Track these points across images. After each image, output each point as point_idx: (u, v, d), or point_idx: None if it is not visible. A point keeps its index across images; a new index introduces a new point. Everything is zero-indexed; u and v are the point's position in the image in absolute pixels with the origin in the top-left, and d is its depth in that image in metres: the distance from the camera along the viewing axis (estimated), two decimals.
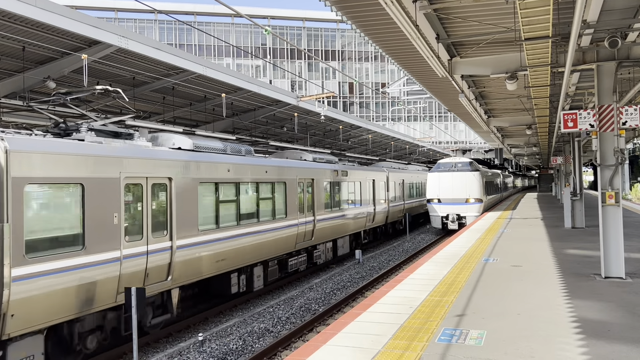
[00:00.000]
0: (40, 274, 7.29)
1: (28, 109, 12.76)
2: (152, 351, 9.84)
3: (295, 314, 12.23)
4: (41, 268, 7.32)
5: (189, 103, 18.46)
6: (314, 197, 16.77)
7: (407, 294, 8.43)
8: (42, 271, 7.32)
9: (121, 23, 67.49)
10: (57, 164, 7.69)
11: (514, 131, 26.43)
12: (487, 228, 18.90)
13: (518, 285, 8.81)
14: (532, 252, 12.48)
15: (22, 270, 7.05)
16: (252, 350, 9.80)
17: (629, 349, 5.48)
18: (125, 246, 8.78)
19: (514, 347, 5.68)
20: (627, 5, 7.91)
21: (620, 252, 9.11)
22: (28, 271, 7.12)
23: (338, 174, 19.20)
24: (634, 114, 9.14)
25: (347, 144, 35.12)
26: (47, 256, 7.43)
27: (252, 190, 13.27)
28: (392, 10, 6.88)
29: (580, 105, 16.91)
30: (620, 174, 9.22)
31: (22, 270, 7.04)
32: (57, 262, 7.57)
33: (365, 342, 6.02)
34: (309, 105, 20.83)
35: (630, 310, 7.00)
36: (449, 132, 74.47)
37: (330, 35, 78.10)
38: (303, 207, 15.94)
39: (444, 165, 28.85)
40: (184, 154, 10.68)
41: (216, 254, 11.29)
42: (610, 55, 9.29)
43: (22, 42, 11.03)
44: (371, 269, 18.24)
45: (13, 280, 6.89)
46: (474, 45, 10.99)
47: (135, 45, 11.72)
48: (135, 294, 7.67)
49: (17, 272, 6.97)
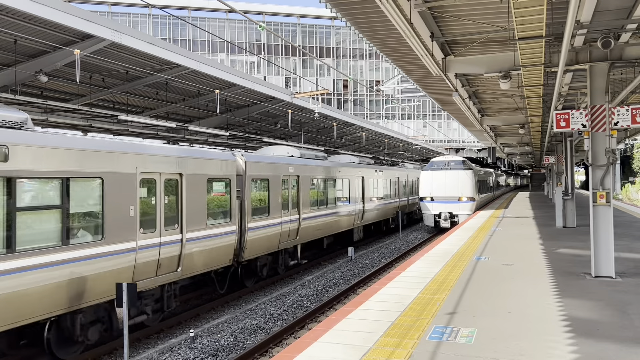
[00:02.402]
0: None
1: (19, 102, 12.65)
2: (143, 347, 9.81)
3: (287, 310, 12.24)
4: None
5: (182, 98, 18.38)
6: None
7: (399, 292, 8.45)
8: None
9: (115, 17, 67.01)
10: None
11: (507, 130, 26.54)
12: (479, 226, 18.98)
13: (509, 284, 8.85)
14: (523, 251, 12.55)
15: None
16: (243, 346, 9.80)
17: (617, 348, 5.53)
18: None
19: (504, 345, 5.71)
20: (620, 6, 7.95)
21: (611, 251, 9.18)
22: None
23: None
24: (625, 115, 9.20)
25: (341, 141, 35.13)
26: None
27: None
28: (387, 8, 6.87)
29: (573, 105, 17.00)
30: (611, 174, 9.28)
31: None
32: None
33: (357, 339, 6.04)
34: (303, 102, 20.81)
35: (620, 309, 7.06)
36: (442, 131, 74.64)
37: (325, 32, 77.98)
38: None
39: (437, 163, 28.93)
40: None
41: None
42: (603, 55, 9.34)
43: (13, 35, 10.92)
44: (363, 266, 18.27)
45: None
46: (468, 44, 11.01)
47: (129, 40, 11.65)
48: (126, 290, 7.64)
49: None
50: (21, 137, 7.29)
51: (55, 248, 7.73)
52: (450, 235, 16.56)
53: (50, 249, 7.66)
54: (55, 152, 7.77)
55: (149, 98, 17.62)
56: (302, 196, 16.45)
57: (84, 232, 8.37)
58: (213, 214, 11.79)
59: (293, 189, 16.03)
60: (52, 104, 13.33)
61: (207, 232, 11.37)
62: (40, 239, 7.58)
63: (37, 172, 7.47)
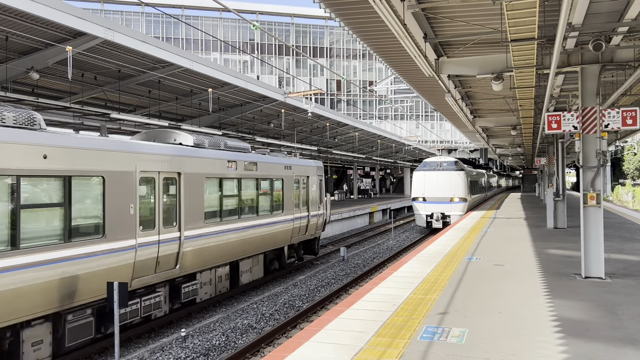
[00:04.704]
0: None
1: (10, 99, 12.55)
2: (134, 346, 9.76)
3: (279, 310, 12.23)
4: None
5: (175, 97, 18.32)
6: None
7: (391, 292, 8.47)
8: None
9: (107, 15, 66.65)
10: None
11: (499, 131, 26.68)
12: (471, 227, 19.06)
13: (500, 284, 8.90)
14: (514, 252, 12.61)
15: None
16: (235, 346, 9.78)
17: (606, 348, 5.57)
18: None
19: (495, 345, 5.74)
20: (612, 9, 8.01)
21: (601, 252, 9.25)
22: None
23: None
24: (616, 117, 9.27)
25: (334, 141, 35.16)
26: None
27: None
28: (380, 8, 6.88)
29: (565, 107, 17.12)
30: (602, 175, 9.35)
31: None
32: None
33: (348, 339, 6.04)
34: (297, 101, 20.81)
35: (609, 310, 7.11)
36: (435, 132, 74.90)
37: (319, 32, 78.01)
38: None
39: (430, 164, 29.05)
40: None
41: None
42: (594, 58, 9.41)
43: (4, 32, 10.83)
44: (355, 266, 18.30)
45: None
46: (461, 46, 11.05)
47: (121, 38, 11.59)
48: (117, 289, 7.60)
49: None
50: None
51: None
52: (442, 235, 16.62)
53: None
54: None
55: (141, 96, 17.55)
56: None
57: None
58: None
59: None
60: (44, 101, 13.24)
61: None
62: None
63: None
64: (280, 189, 15.46)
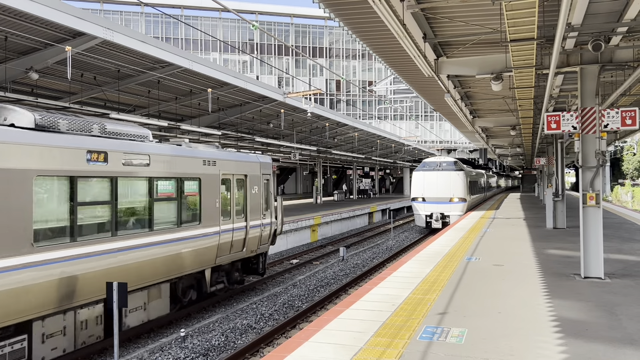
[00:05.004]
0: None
1: (9, 99, 12.54)
2: (133, 346, 9.76)
3: (278, 310, 12.23)
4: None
5: (174, 97, 18.32)
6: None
7: (390, 292, 8.47)
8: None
9: (107, 15, 66.61)
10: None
11: (498, 132, 26.69)
12: (470, 227, 19.07)
13: (499, 284, 8.90)
14: (514, 252, 12.62)
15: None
16: (234, 346, 9.78)
17: (605, 348, 5.58)
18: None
19: (494, 345, 5.75)
20: (611, 9, 8.01)
21: (600, 252, 9.26)
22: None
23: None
24: (615, 117, 9.28)
25: (334, 142, 35.16)
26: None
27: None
28: (380, 8, 6.89)
29: (564, 107, 17.12)
30: (601, 175, 9.36)
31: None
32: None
33: (348, 339, 6.04)
34: (296, 102, 20.81)
35: (608, 310, 7.12)
36: (434, 132, 74.90)
37: (318, 32, 78.00)
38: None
39: (429, 164, 29.06)
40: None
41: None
42: (593, 58, 9.42)
43: (4, 32, 10.83)
44: (355, 266, 18.30)
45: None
46: (461, 46, 11.05)
47: (121, 38, 11.59)
48: (117, 289, 7.59)
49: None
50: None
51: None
52: (441, 235, 16.62)
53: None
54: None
55: (141, 96, 17.55)
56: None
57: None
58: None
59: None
60: (43, 101, 13.24)
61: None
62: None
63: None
64: (196, 192, 11.18)
